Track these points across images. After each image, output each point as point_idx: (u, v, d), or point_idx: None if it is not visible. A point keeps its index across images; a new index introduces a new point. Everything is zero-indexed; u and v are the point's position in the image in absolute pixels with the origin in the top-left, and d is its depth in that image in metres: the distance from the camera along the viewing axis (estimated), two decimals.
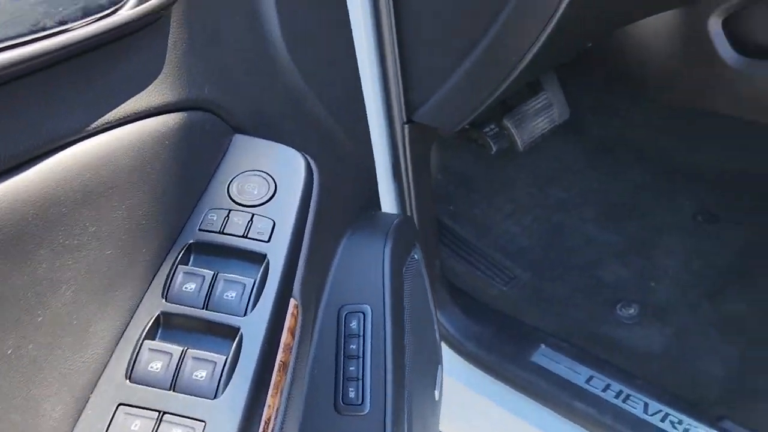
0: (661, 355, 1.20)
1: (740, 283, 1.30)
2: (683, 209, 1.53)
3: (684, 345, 1.20)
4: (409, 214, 1.17)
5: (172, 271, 0.52)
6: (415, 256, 0.92)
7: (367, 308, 0.77)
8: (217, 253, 0.53)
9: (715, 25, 1.53)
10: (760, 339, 1.17)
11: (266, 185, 0.54)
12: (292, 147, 0.59)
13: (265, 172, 0.55)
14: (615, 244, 1.46)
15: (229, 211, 0.54)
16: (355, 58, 0.93)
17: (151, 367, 0.48)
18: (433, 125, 1.09)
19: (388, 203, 1.16)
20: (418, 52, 1.03)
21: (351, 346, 0.72)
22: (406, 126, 1.10)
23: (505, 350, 1.22)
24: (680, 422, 1.04)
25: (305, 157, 0.58)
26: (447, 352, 1.26)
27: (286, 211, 0.53)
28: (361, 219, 0.87)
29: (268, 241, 0.52)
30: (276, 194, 0.54)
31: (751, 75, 1.50)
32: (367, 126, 0.98)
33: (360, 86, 0.95)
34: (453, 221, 1.54)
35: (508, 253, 1.48)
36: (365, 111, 0.97)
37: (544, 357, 1.20)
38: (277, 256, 0.51)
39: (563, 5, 0.82)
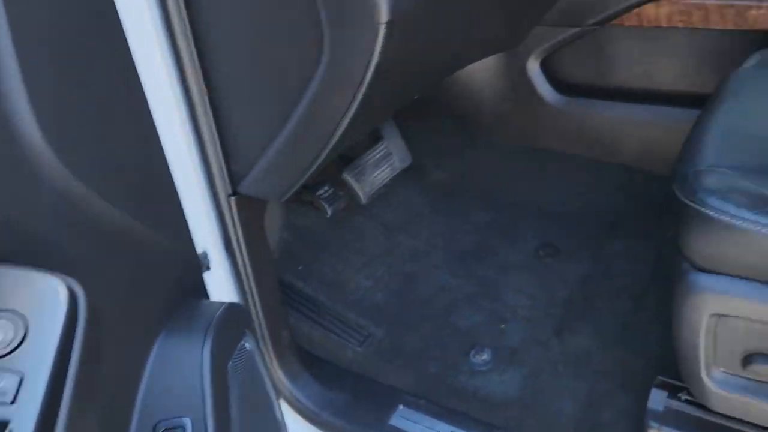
0: (517, 400, 1.20)
1: (583, 316, 1.34)
2: (527, 245, 1.57)
3: (537, 386, 1.21)
4: (247, 289, 1.11)
5: None
6: (246, 345, 0.85)
7: (187, 421, 0.69)
8: None
9: (534, 67, 1.61)
10: (604, 371, 1.21)
11: (13, 328, 0.45)
12: (60, 267, 0.51)
13: (11, 311, 0.46)
14: (466, 288, 1.46)
15: None
16: (157, 138, 0.85)
17: None
18: (260, 196, 1.04)
19: (223, 282, 1.09)
20: (235, 124, 0.97)
21: None
22: (232, 198, 1.04)
23: (363, 416, 1.18)
24: None
25: (67, 283, 0.49)
26: (303, 425, 1.20)
27: (38, 358, 0.45)
28: (179, 314, 0.79)
29: (13, 402, 0.43)
30: (27, 338, 0.45)
31: (570, 112, 1.59)
32: (180, 208, 0.91)
33: (166, 167, 0.87)
34: (303, 282, 1.48)
35: (362, 309, 1.44)
36: (175, 193, 0.90)
37: (403, 418, 1.17)
38: (24, 420, 0.43)
39: (369, 73, 0.80)
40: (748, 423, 0.94)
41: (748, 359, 0.87)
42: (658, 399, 1.02)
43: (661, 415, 1.01)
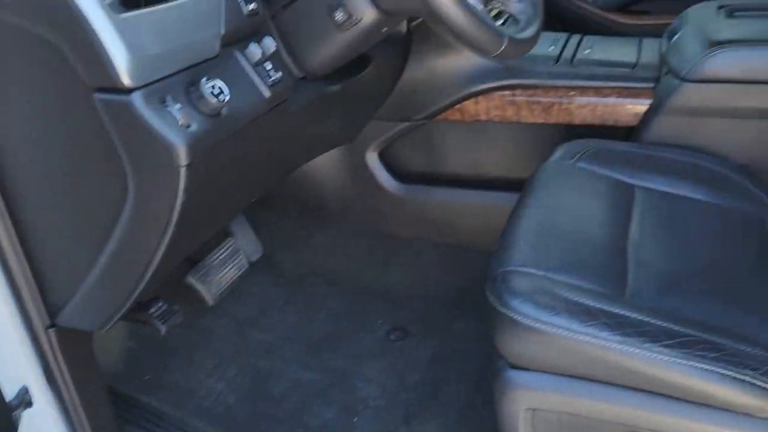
0: None
1: (432, 400, 1.38)
2: (378, 330, 1.60)
3: None
4: (76, 424, 1.05)
5: None
6: None
7: None
8: None
9: (372, 158, 1.68)
10: None
11: None
12: None
13: None
14: (319, 382, 1.46)
15: None
16: None
17: None
18: (80, 327, 0.99)
19: (48, 418, 1.03)
20: (48, 258, 0.94)
21: None
22: (51, 330, 0.99)
23: None
24: None
25: None
26: None
27: None
28: None
29: None
30: None
31: (409, 198, 1.67)
32: None
33: None
34: (149, 395, 1.42)
35: (212, 416, 1.40)
36: None
37: None
38: None
39: (176, 212, 0.81)
40: None
41: None
42: None
43: None
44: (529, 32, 1.10)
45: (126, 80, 0.75)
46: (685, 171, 1.30)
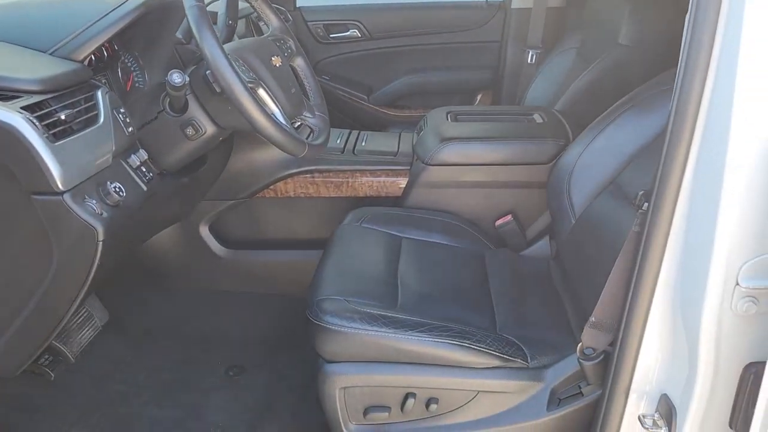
0: None
1: (267, 415, 1.78)
2: (218, 369, 1.97)
3: None
4: None
5: None
6: None
7: None
8: None
9: (204, 230, 2.08)
10: None
11: None
12: None
13: None
14: (174, 416, 1.79)
15: None
16: None
17: None
18: None
19: None
20: None
21: None
22: None
23: None
24: None
25: None
26: None
27: None
28: None
29: None
30: None
31: (237, 260, 2.09)
32: None
33: None
34: None
35: None
36: None
37: None
38: None
39: (92, 273, 1.17)
40: None
41: (366, 412, 1.41)
42: None
43: None
44: (321, 139, 1.63)
45: (59, 186, 1.12)
46: (433, 225, 1.89)
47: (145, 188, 1.34)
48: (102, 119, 1.24)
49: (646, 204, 1.13)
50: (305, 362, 1.93)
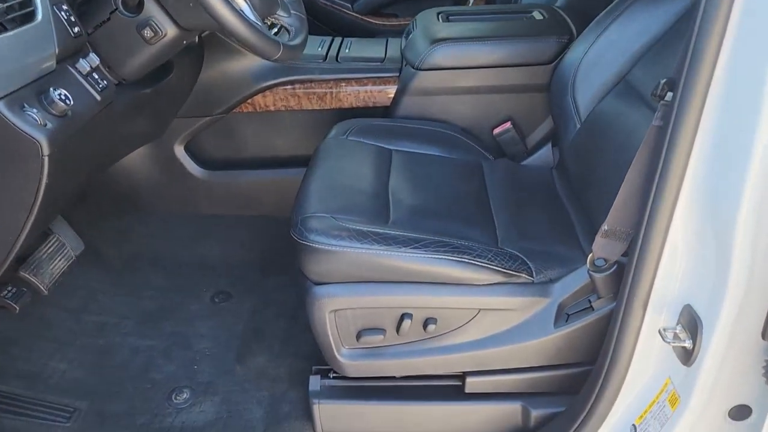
0: (217, 421, 1.49)
1: (256, 341, 1.68)
2: (203, 297, 1.86)
3: (231, 406, 1.52)
4: None
5: None
6: None
7: None
8: None
9: (180, 151, 1.93)
10: (279, 377, 1.57)
11: None
12: None
13: None
14: (158, 346, 1.69)
15: None
16: None
17: None
18: None
19: None
20: None
21: None
22: None
23: None
24: None
25: None
26: None
27: None
28: None
29: None
30: None
31: (216, 182, 1.94)
32: None
33: None
34: None
35: (62, 390, 1.56)
36: None
37: None
38: None
39: (41, 193, 1.03)
40: (375, 378, 1.38)
41: (359, 335, 1.31)
42: (315, 382, 1.41)
43: (318, 392, 1.39)
44: (298, 40, 1.46)
45: None
46: (426, 135, 1.75)
47: (98, 97, 1.18)
48: (40, 16, 1.07)
49: (670, 94, 0.99)
50: (293, 286, 1.82)
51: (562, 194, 1.61)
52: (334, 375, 1.42)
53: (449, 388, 1.38)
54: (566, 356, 1.29)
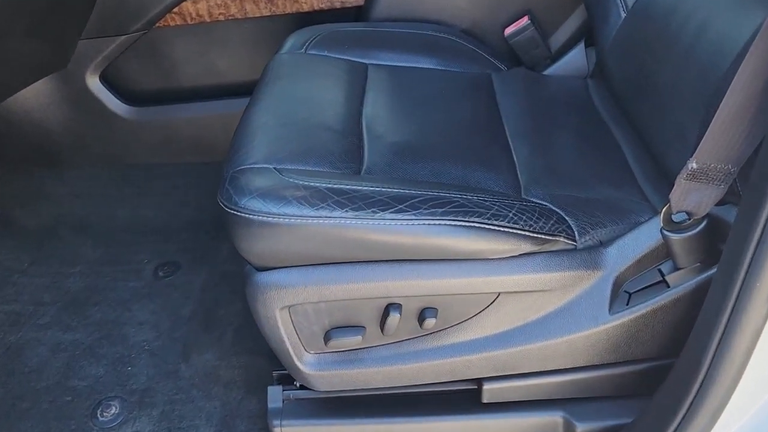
0: None
1: (207, 330, 1.30)
2: (144, 270, 1.46)
3: (172, 421, 1.14)
4: None
5: None
6: None
7: None
8: None
9: (94, 83, 1.48)
10: (232, 381, 1.18)
11: None
12: None
13: None
14: (83, 341, 1.31)
15: None
16: None
17: None
18: None
19: None
20: None
21: None
22: None
23: None
24: None
25: None
26: None
27: None
28: None
29: None
30: None
31: (148, 121, 1.51)
32: None
33: None
34: None
35: None
36: None
37: None
38: None
39: None
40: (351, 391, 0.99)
41: (328, 336, 0.91)
42: (275, 396, 1.03)
43: (280, 411, 1.01)
44: None
45: None
46: (413, 43, 1.29)
47: None
48: None
49: None
50: None
51: (605, 113, 1.17)
52: (301, 385, 1.03)
53: (460, 397, 1.00)
54: (627, 352, 0.90)
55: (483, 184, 0.93)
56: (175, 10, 1.37)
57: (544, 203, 0.91)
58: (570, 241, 0.87)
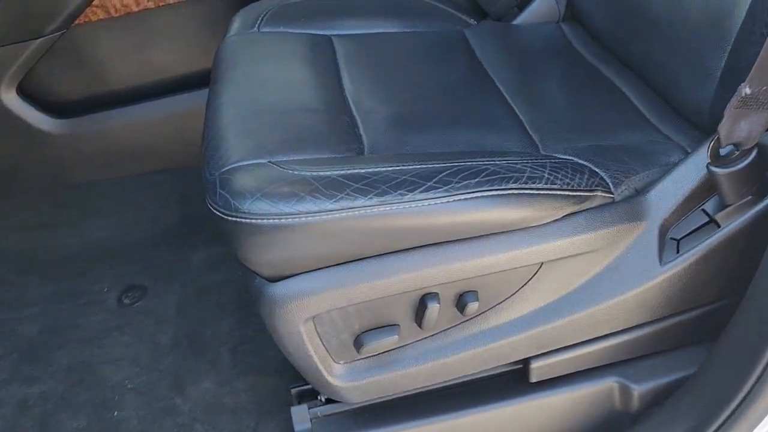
0: None
1: (197, 354, 1.16)
2: (106, 299, 1.30)
3: None
4: None
5: None
6: None
7: None
8: None
9: (11, 96, 1.29)
10: (243, 407, 1.06)
11: None
12: None
13: None
14: (53, 391, 1.15)
15: None
16: None
17: None
18: None
19: None
20: None
21: None
22: None
23: None
24: None
25: None
26: None
27: None
28: None
29: None
30: None
31: (75, 133, 1.33)
32: None
33: None
34: None
35: None
36: None
37: None
38: None
39: None
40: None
41: (360, 342, 0.81)
42: (301, 416, 0.92)
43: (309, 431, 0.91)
44: None
45: None
46: (373, 7, 1.19)
47: None
48: None
49: None
50: (229, 259, 1.29)
51: (590, 56, 1.10)
52: (328, 397, 0.93)
53: (505, 380, 0.92)
54: (680, 302, 0.84)
55: (500, 147, 0.85)
56: (96, 2, 1.20)
57: (568, 157, 0.83)
58: (608, 194, 0.80)
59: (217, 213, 0.74)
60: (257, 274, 0.77)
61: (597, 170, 0.81)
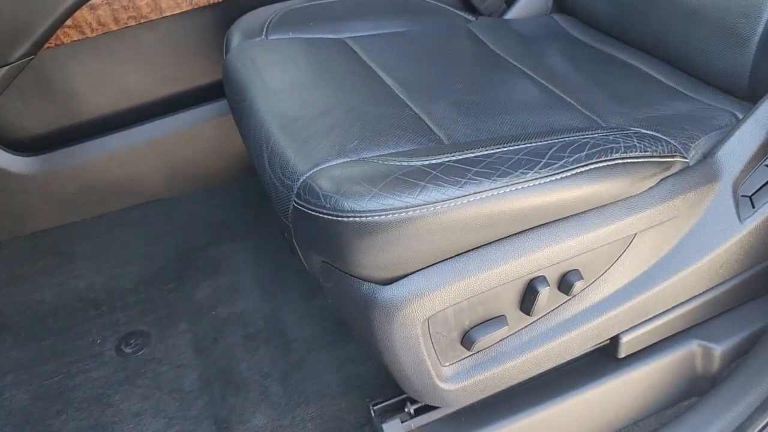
0: None
1: (243, 395, 1.06)
2: (103, 351, 1.16)
3: None
4: None
5: None
6: None
7: None
8: None
9: None
10: None
11: None
12: None
13: None
14: None
15: None
16: None
17: None
18: None
19: None
20: None
21: None
22: None
23: None
24: None
25: None
26: None
27: None
28: None
29: None
30: None
31: (48, 171, 1.19)
32: None
33: None
34: None
35: None
36: None
37: None
38: None
39: None
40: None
41: (469, 338, 0.77)
42: (395, 430, 0.86)
43: None
44: None
45: None
46: (378, 8, 1.16)
47: None
48: None
49: None
50: (236, 293, 1.19)
51: (595, 42, 1.14)
52: (416, 407, 0.87)
53: (594, 360, 0.91)
54: (757, 255, 0.87)
55: (570, 125, 0.85)
56: (69, 22, 1.08)
57: (639, 129, 0.84)
58: (684, 159, 0.82)
59: (328, 218, 0.67)
60: (365, 279, 0.71)
61: (665, 138, 0.83)
